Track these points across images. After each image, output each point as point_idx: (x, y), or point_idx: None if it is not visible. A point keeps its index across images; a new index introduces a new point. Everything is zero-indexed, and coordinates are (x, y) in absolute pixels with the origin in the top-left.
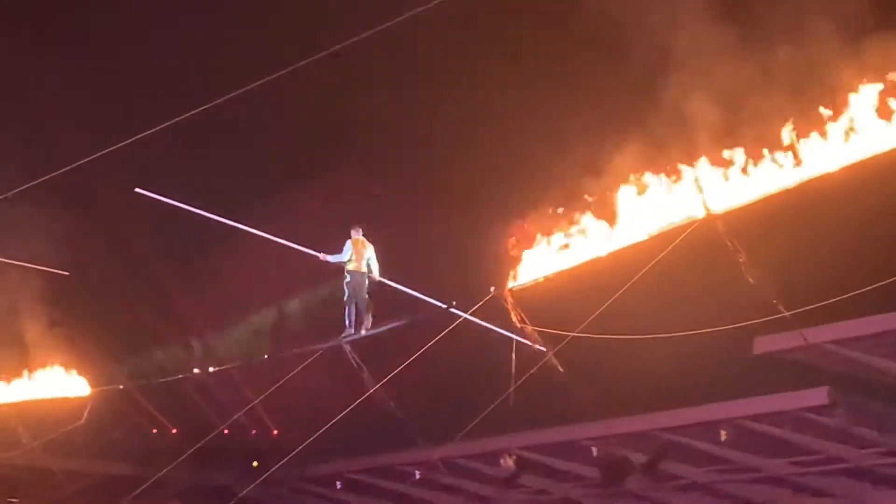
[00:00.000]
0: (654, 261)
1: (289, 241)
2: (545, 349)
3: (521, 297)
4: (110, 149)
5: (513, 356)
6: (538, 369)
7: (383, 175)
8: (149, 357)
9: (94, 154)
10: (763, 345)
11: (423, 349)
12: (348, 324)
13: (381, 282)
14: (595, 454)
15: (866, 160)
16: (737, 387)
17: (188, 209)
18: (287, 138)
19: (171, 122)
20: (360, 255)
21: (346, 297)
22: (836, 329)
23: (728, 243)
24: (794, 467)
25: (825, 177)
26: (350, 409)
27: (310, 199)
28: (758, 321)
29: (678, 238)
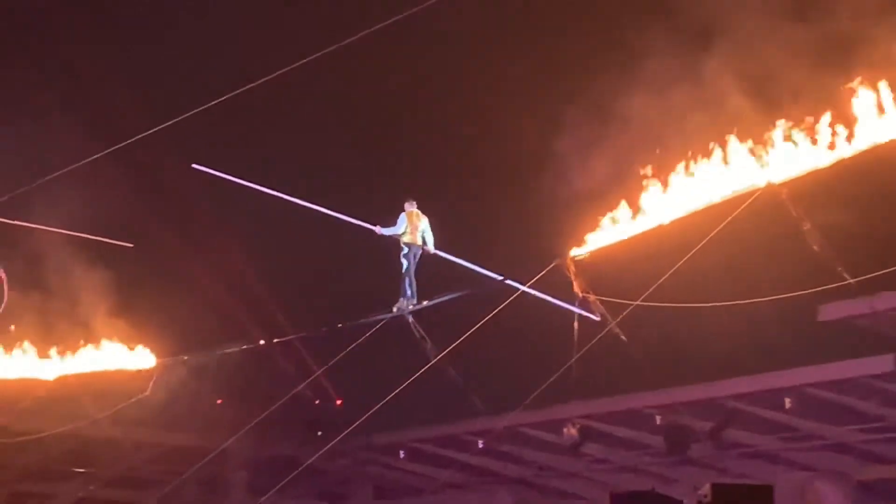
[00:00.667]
0: (718, 228)
1: (345, 215)
2: (608, 318)
3: (584, 266)
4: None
5: (575, 325)
6: (601, 338)
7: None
8: (213, 327)
9: (156, 127)
10: (829, 312)
11: (486, 319)
12: (410, 294)
13: (435, 254)
14: (659, 422)
15: None
16: (801, 354)
17: (244, 184)
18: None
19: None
20: (414, 228)
21: (405, 268)
22: None
23: (792, 211)
24: (859, 434)
25: (890, 143)
26: (413, 379)
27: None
28: (823, 288)
29: (742, 206)
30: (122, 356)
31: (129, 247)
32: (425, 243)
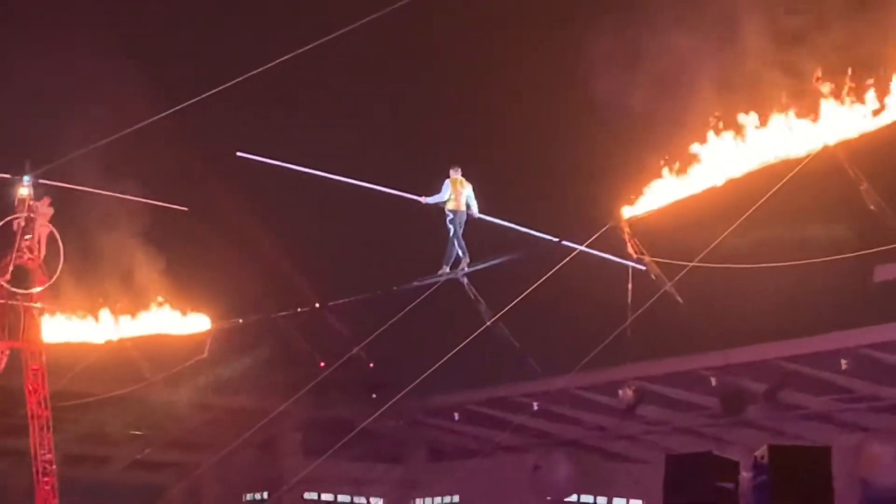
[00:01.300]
0: (774, 189)
1: (393, 189)
2: (664, 279)
3: (638, 227)
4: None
5: (629, 287)
6: (656, 300)
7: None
8: (267, 291)
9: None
10: (885, 273)
11: (544, 278)
12: (461, 255)
13: (480, 218)
14: (714, 384)
15: None
16: (857, 315)
17: (290, 167)
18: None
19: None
20: (458, 194)
21: (452, 233)
22: None
23: (850, 171)
24: None
25: None
26: (468, 341)
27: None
28: (879, 249)
29: (798, 166)
30: (177, 319)
31: (184, 210)
32: (470, 208)
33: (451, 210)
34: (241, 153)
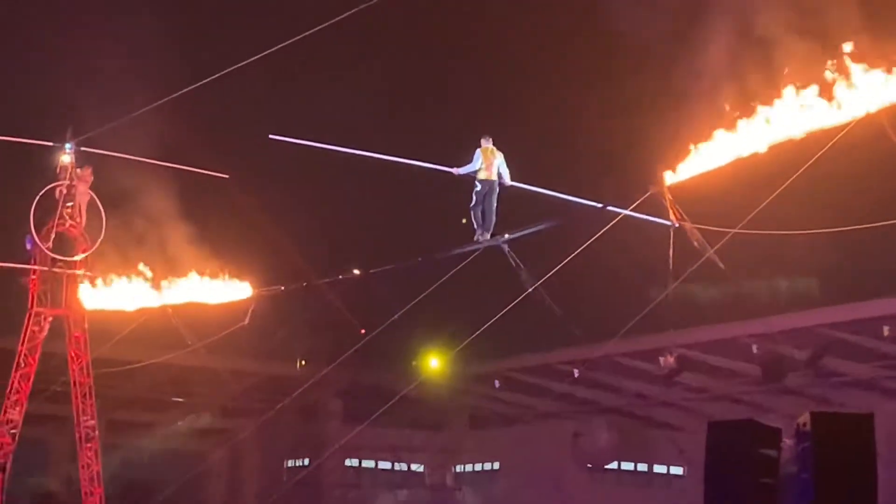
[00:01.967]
0: (818, 155)
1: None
2: (706, 246)
3: (680, 193)
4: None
5: (670, 254)
6: (698, 267)
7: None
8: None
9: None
10: None
11: (584, 245)
12: (476, 227)
13: (512, 186)
14: (756, 351)
15: None
16: None
17: (320, 147)
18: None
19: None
20: (489, 164)
21: (473, 203)
22: None
23: (893, 137)
24: None
25: None
26: (509, 308)
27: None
28: None
29: (841, 133)
30: (219, 286)
31: (225, 178)
32: (502, 177)
33: (482, 180)
34: (273, 135)
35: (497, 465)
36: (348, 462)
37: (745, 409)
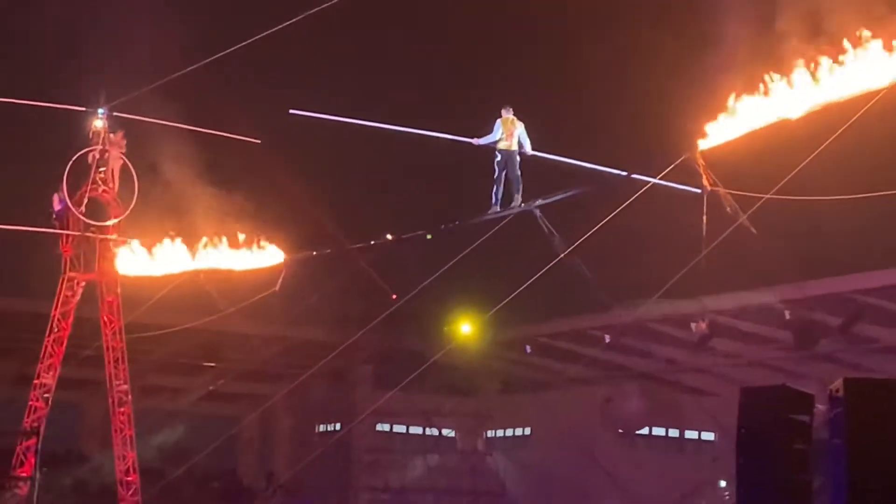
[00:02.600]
0: (853, 119)
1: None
2: (738, 212)
3: (713, 159)
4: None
5: (704, 219)
6: (731, 232)
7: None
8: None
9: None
10: None
11: (615, 212)
12: (494, 201)
13: (533, 155)
14: (788, 317)
15: None
16: None
17: (341, 120)
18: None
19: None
20: (510, 134)
21: (496, 174)
22: None
23: None
24: None
25: None
26: (541, 273)
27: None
28: None
29: (876, 97)
30: (251, 252)
31: (257, 143)
32: (523, 147)
33: (502, 150)
34: (293, 110)
35: (528, 431)
36: (379, 427)
37: (778, 376)
